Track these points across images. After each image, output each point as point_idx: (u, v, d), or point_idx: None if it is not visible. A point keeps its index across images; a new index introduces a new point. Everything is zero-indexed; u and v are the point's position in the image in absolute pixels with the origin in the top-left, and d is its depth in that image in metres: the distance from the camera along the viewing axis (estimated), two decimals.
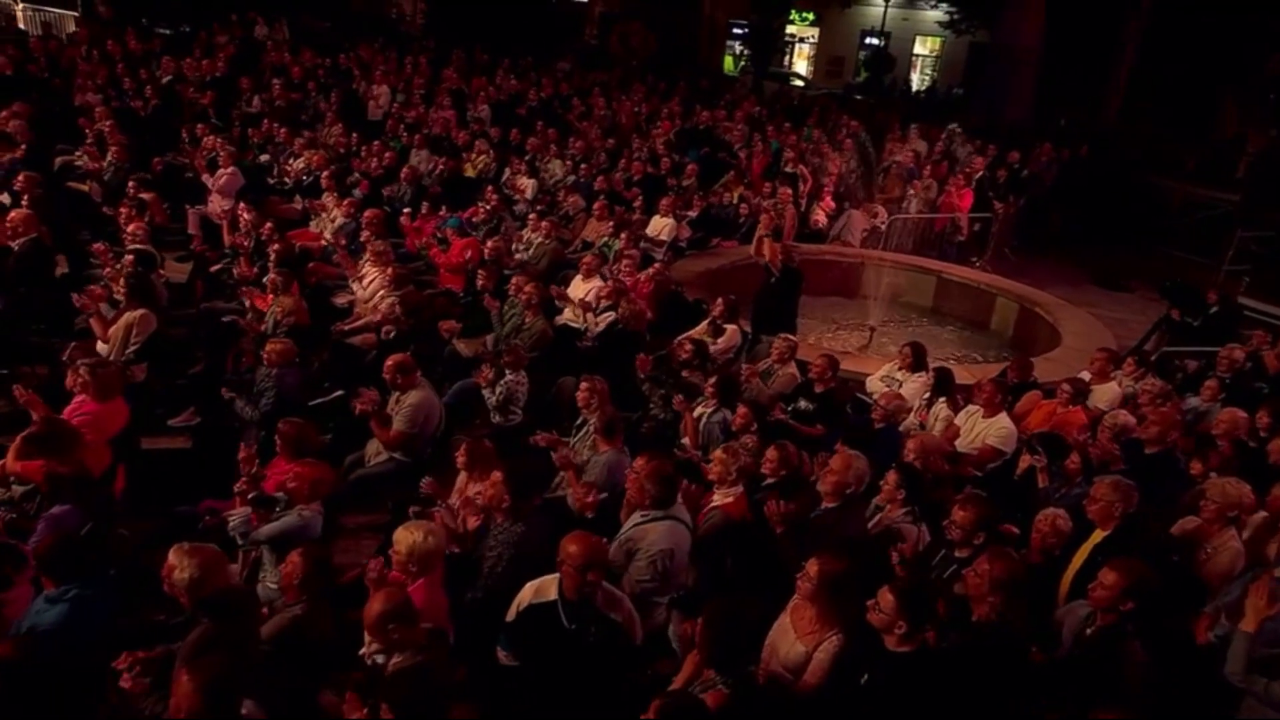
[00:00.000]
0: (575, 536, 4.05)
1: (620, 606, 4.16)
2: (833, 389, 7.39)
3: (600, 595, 4.07)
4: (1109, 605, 4.13)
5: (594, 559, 3.99)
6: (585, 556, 3.96)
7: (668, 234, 11.08)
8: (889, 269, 12.21)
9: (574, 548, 3.98)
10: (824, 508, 5.09)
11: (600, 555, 4.04)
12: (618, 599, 4.18)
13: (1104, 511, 5.15)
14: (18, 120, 10.04)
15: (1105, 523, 5.16)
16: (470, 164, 12.76)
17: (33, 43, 14.70)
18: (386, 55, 17.48)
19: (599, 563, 4.01)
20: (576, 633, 4.02)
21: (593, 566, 3.98)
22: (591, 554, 3.99)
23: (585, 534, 4.09)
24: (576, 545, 3.99)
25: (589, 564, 3.96)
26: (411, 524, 4.27)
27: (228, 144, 10.77)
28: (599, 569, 4.02)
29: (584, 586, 3.98)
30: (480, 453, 5.47)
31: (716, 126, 15.59)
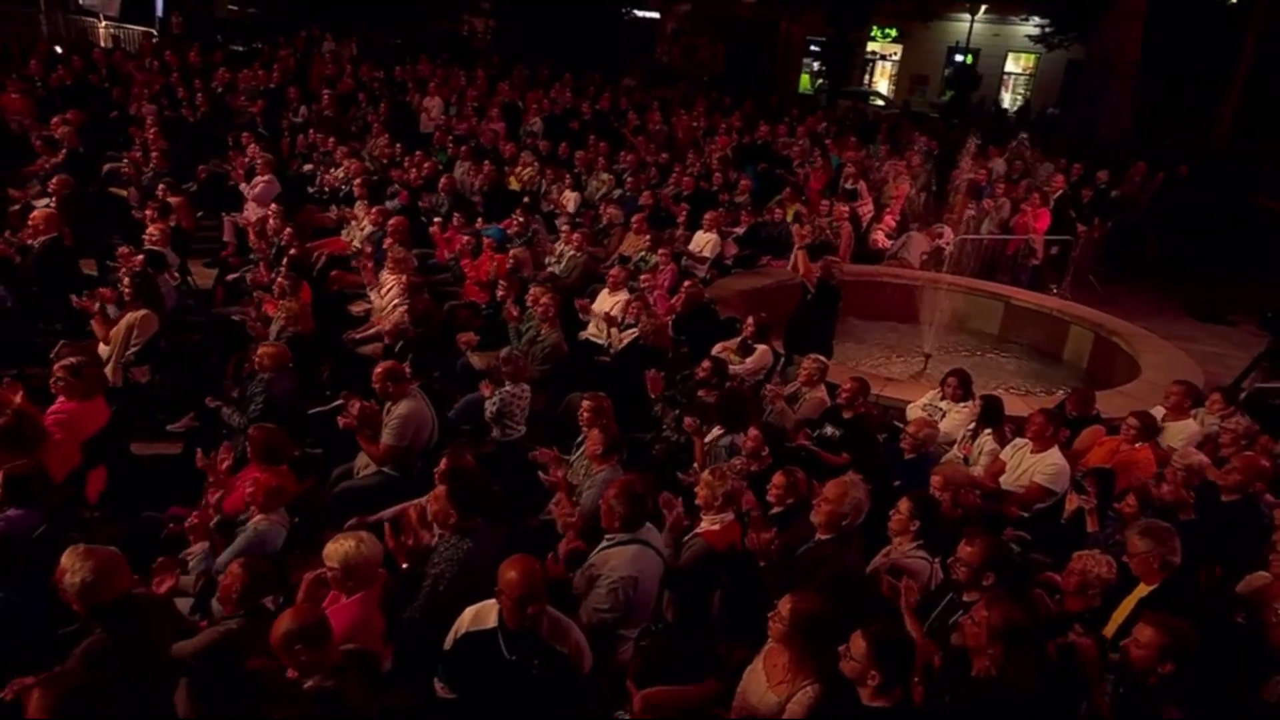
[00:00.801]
0: (514, 561, 3.58)
1: (567, 636, 3.67)
2: (862, 415, 6.76)
3: (545, 623, 3.60)
4: (1146, 666, 3.58)
5: (533, 589, 3.51)
6: (523, 586, 3.50)
7: (710, 250, 10.59)
8: (951, 293, 11.45)
9: (512, 574, 3.52)
10: (816, 540, 4.51)
11: (541, 584, 3.56)
12: (565, 628, 3.69)
13: (1144, 564, 4.47)
14: (67, 127, 10.23)
15: (1148, 576, 4.47)
16: (515, 177, 12.52)
17: (95, 54, 15.21)
18: (448, 70, 17.48)
19: (538, 594, 3.53)
20: (517, 664, 3.56)
21: (532, 598, 3.50)
22: (530, 583, 3.51)
23: (526, 559, 3.62)
24: (515, 572, 3.53)
25: (528, 595, 3.49)
26: (343, 534, 3.87)
27: (267, 152, 10.75)
28: (539, 600, 3.54)
29: (525, 619, 3.52)
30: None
31: (775, 142, 15.02)
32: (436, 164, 11.86)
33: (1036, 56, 32.34)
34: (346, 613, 3.73)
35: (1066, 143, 18.89)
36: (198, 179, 10.98)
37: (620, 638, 4.22)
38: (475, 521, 4.18)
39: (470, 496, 4.17)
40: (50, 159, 9.63)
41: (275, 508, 4.57)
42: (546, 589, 3.60)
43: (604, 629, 4.12)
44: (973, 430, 7.09)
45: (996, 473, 6.68)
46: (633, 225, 10.27)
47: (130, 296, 6.53)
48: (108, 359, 6.53)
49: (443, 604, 3.98)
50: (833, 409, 6.90)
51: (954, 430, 7.28)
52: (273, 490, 4.52)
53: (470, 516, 4.15)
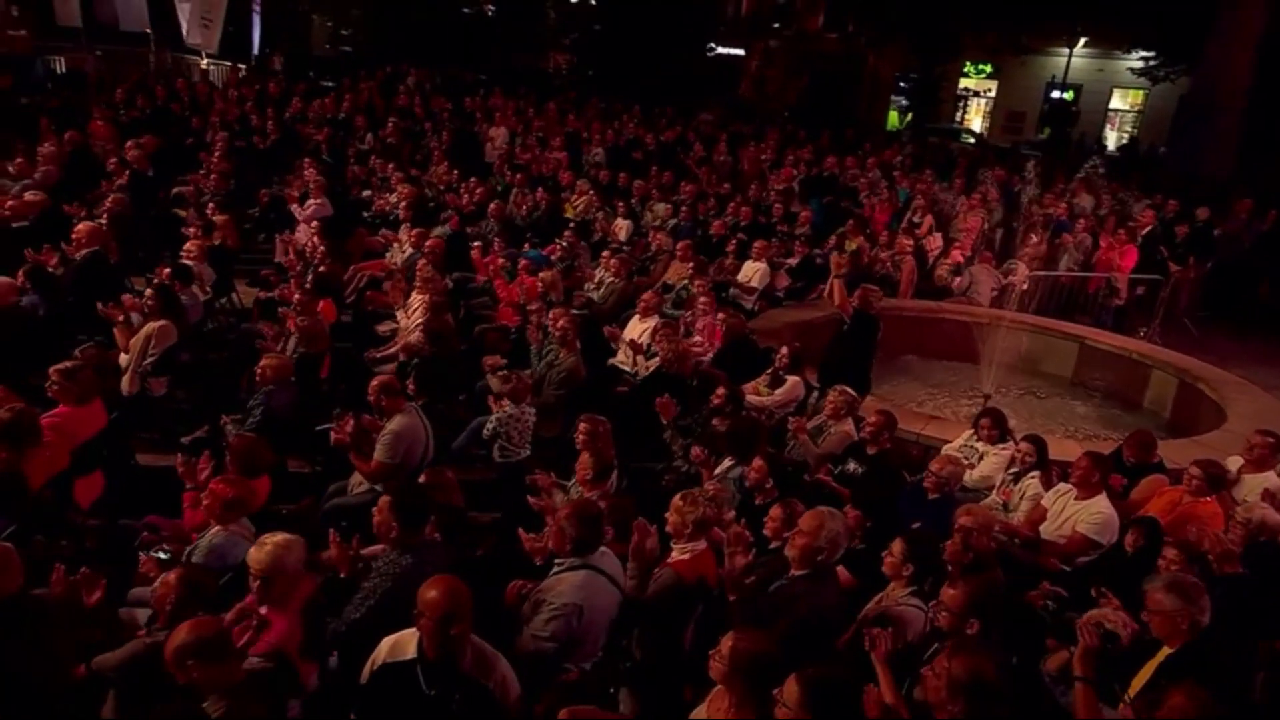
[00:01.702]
0: (437, 580, 3.32)
1: (493, 670, 3.37)
2: (887, 451, 6.29)
3: (469, 654, 3.32)
4: None
5: (456, 609, 3.24)
6: (446, 606, 3.23)
7: (759, 280, 10.23)
8: (1020, 331, 10.76)
9: (433, 593, 3.26)
10: (790, 575, 4.09)
11: (466, 606, 3.29)
12: (489, 659, 3.40)
13: (1168, 625, 3.91)
14: (138, 151, 10.67)
15: (1172, 637, 3.90)
16: (570, 205, 12.47)
17: (179, 84, 15.98)
18: (519, 101, 17.72)
19: (461, 615, 3.25)
20: (437, 699, 3.27)
21: (455, 619, 3.23)
22: (454, 603, 3.24)
23: (450, 579, 3.35)
24: (436, 590, 3.27)
25: (450, 615, 3.22)
26: (266, 538, 3.67)
27: (327, 177, 10.97)
28: (461, 622, 3.26)
29: (446, 643, 3.24)
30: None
31: (843, 174, 14.59)
32: (488, 190, 11.90)
33: (1145, 92, 30.90)
34: (281, 626, 3.53)
35: (1169, 179, 17.80)
36: (260, 203, 11.30)
37: (565, 672, 3.90)
38: (420, 538, 3.94)
39: (415, 511, 3.93)
40: (117, 180, 10.04)
41: (234, 519, 4.41)
42: (474, 614, 3.34)
43: (546, 660, 3.80)
44: (1014, 474, 6.54)
45: (1037, 521, 6.12)
46: (678, 253, 10.02)
47: (150, 307, 6.61)
48: (126, 367, 6.62)
49: (371, 621, 3.73)
50: (857, 444, 6.45)
51: (993, 474, 6.72)
52: (229, 501, 4.37)
53: (414, 532, 3.91)
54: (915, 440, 7.61)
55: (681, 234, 11.47)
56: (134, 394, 6.60)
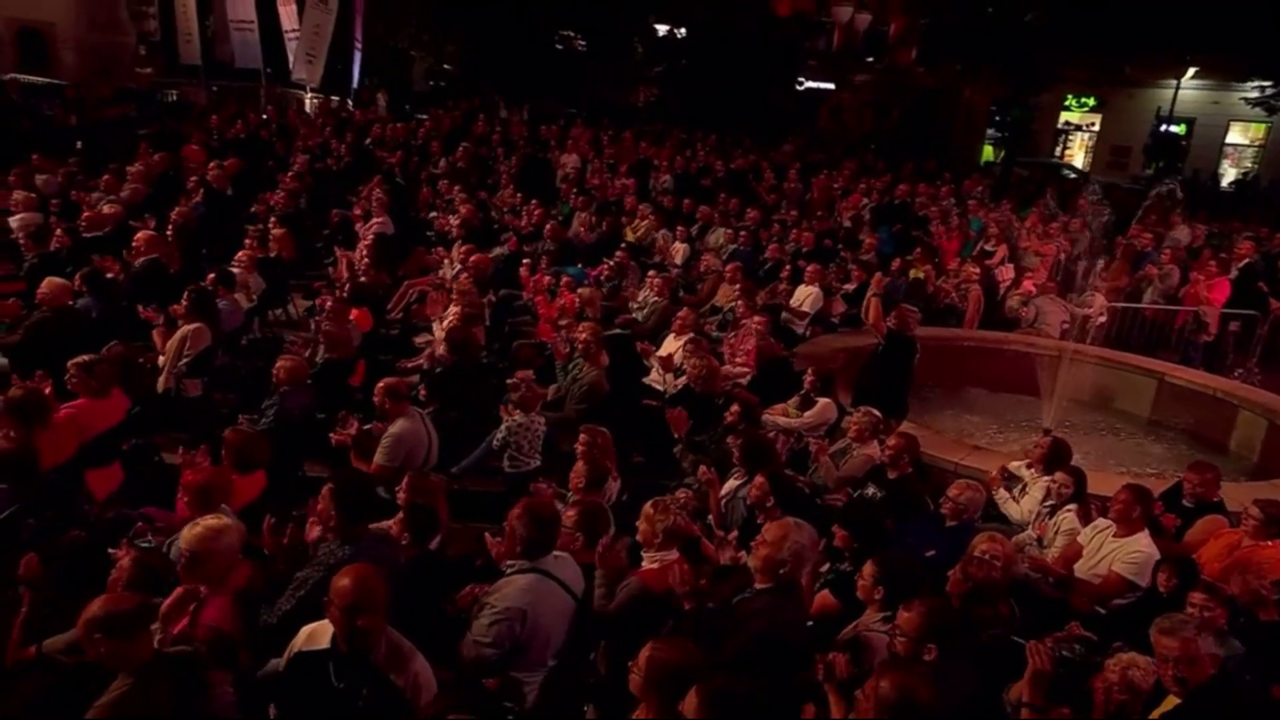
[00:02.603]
0: (351, 570, 3.24)
1: (406, 666, 3.25)
2: (908, 475, 5.96)
3: (384, 649, 3.21)
4: None
5: (366, 599, 3.14)
6: (354, 595, 3.13)
7: (811, 305, 9.98)
8: (1092, 366, 10.15)
9: (344, 582, 3.17)
10: (753, 589, 3.86)
11: (379, 597, 3.19)
12: (405, 657, 3.28)
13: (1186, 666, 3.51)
14: (219, 171, 11.23)
15: (1176, 685, 3.52)
16: (631, 229, 12.49)
17: (268, 111, 16.81)
18: (597, 130, 17.96)
19: (370, 606, 3.15)
20: (345, 694, 3.17)
21: (363, 609, 3.12)
22: (364, 592, 3.14)
23: (365, 569, 3.26)
24: (348, 580, 3.17)
25: (357, 605, 3.12)
26: (203, 519, 3.68)
27: (398, 199, 11.31)
28: (370, 614, 3.15)
29: (353, 634, 3.14)
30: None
31: (914, 202, 14.19)
32: (548, 213, 12.03)
33: (1268, 126, 29.15)
34: (212, 612, 3.52)
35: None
36: (330, 222, 11.72)
37: (513, 681, 3.76)
38: (361, 529, 3.88)
39: (356, 501, 3.88)
40: (194, 197, 10.59)
41: (209, 509, 4.42)
42: (387, 607, 3.25)
43: (487, 666, 3.67)
44: (1050, 506, 6.10)
45: (1071, 558, 5.68)
46: (726, 274, 9.88)
47: (185, 310, 6.87)
48: (162, 368, 6.88)
49: (301, 613, 3.65)
50: (879, 468, 6.14)
51: (1033, 505, 6.30)
52: (200, 489, 4.41)
53: (355, 522, 3.85)
54: (954, 470, 7.22)
55: (739, 259, 11.32)
56: (169, 394, 6.83)
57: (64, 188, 10.81)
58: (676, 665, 2.95)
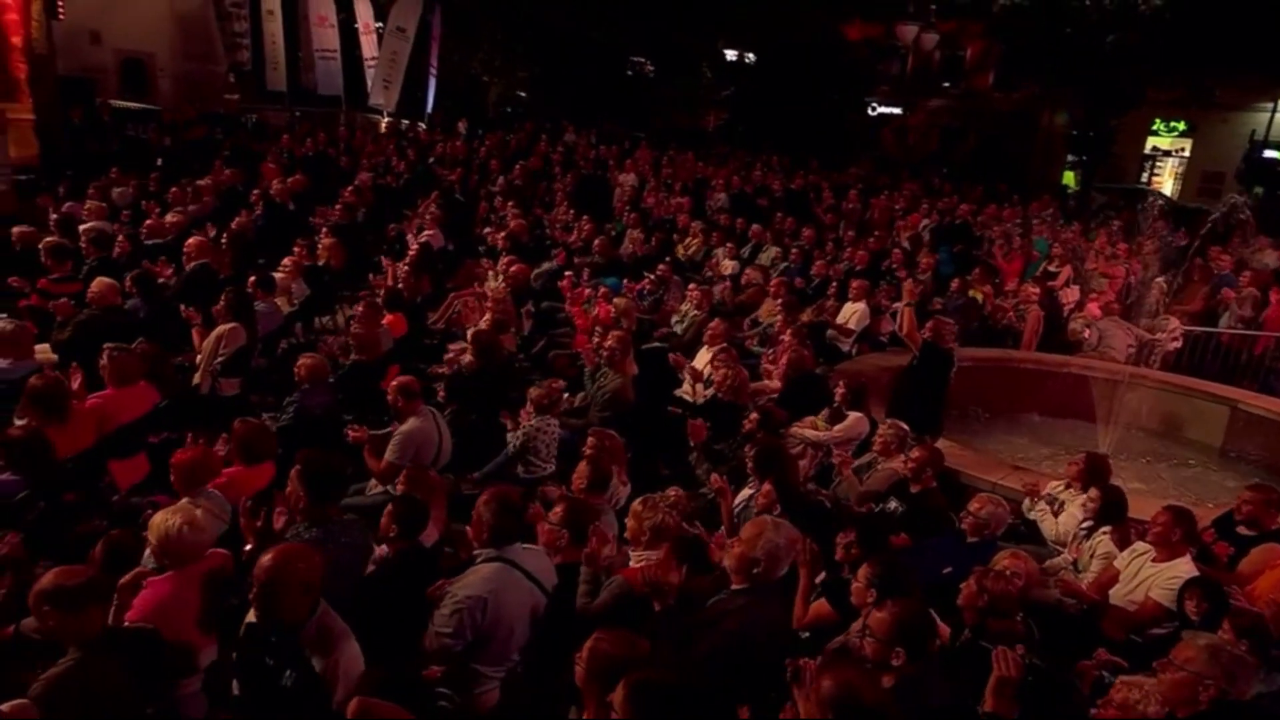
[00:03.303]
0: (277, 548, 3.21)
1: (329, 651, 3.15)
2: (931, 490, 5.70)
3: (313, 630, 3.15)
4: None
5: (284, 577, 3.08)
6: (271, 572, 3.09)
7: (857, 322, 9.72)
8: (1158, 391, 9.63)
9: (266, 559, 3.13)
10: (729, 590, 3.70)
11: (300, 577, 3.12)
12: (334, 639, 3.19)
13: (1185, 689, 3.26)
14: (281, 185, 11.62)
15: (1185, 706, 3.26)
16: (683, 247, 12.43)
17: (340, 131, 17.37)
18: (654, 151, 18.01)
19: (293, 585, 3.09)
20: (273, 671, 3.13)
21: (280, 588, 3.07)
22: (282, 571, 3.08)
23: (296, 549, 3.23)
24: (269, 556, 3.14)
25: (273, 582, 3.06)
26: (173, 508, 3.69)
27: (455, 215, 11.51)
28: (293, 593, 3.09)
29: (268, 610, 3.11)
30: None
31: (975, 222, 13.77)
32: (600, 229, 12.07)
33: None
34: (152, 590, 3.51)
35: None
36: (387, 236, 11.99)
37: (478, 676, 3.66)
38: (330, 511, 3.86)
39: (323, 482, 3.86)
40: (256, 210, 10.99)
41: (194, 487, 4.46)
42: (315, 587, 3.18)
43: (450, 658, 3.59)
44: (1085, 528, 5.76)
45: (1106, 583, 5.34)
46: (770, 289, 9.72)
47: (222, 310, 7.06)
48: (199, 366, 7.07)
49: None
50: (901, 482, 5.89)
51: (1071, 527, 5.96)
52: (186, 467, 4.42)
53: (322, 504, 3.84)
54: (991, 489, 6.90)
55: (790, 276, 11.17)
56: (204, 392, 7.00)
57: (135, 200, 11.32)
58: (616, 657, 2.83)
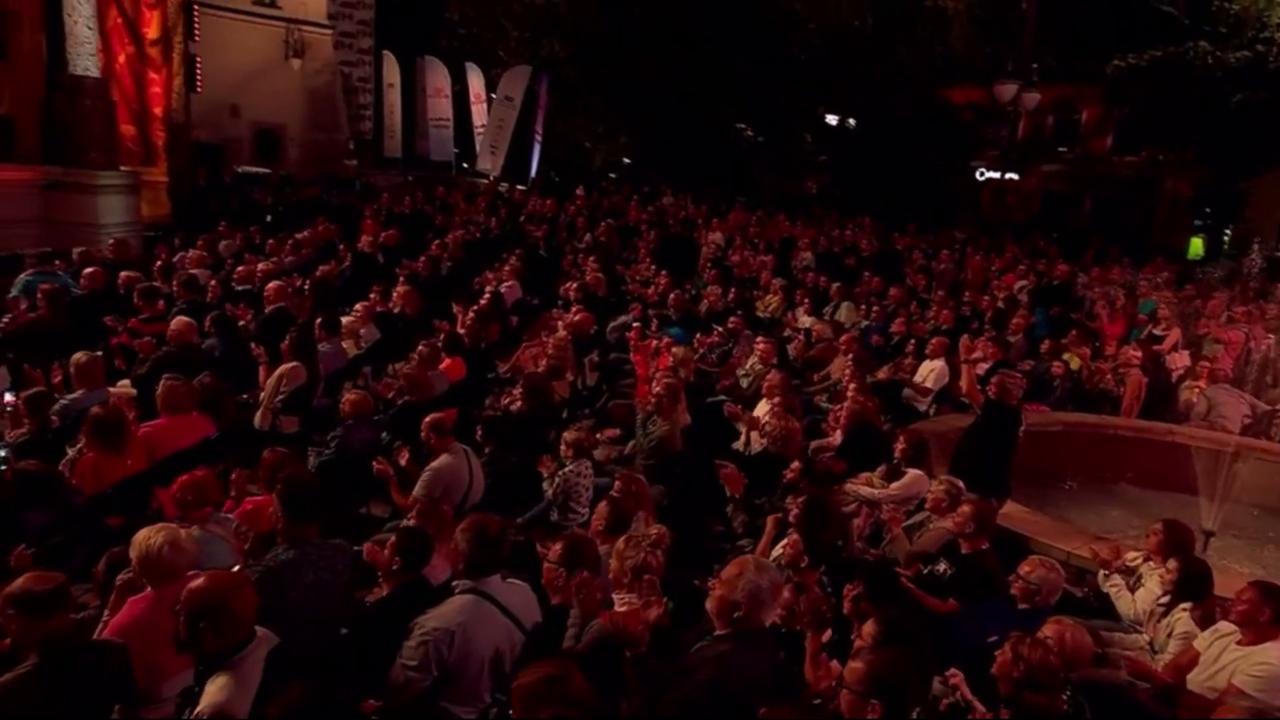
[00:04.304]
0: (211, 574, 3.18)
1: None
2: (983, 552, 5.25)
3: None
4: None
5: (207, 605, 3.02)
6: (197, 599, 3.05)
7: (934, 380, 9.27)
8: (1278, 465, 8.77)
9: (196, 582, 3.13)
10: (712, 635, 3.43)
11: (219, 607, 3.05)
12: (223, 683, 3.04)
13: None
14: (371, 239, 12.12)
15: None
16: (763, 303, 12.24)
17: (438, 191, 18.06)
18: (745, 213, 17.98)
19: (211, 614, 3.02)
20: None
21: (204, 614, 3.01)
22: (205, 599, 3.02)
23: (227, 576, 3.21)
24: (200, 581, 3.14)
25: (199, 610, 3.01)
26: (157, 527, 3.69)
27: (521, 264, 11.72)
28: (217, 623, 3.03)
29: (190, 635, 3.05)
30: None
31: (1075, 283, 13.06)
32: (678, 283, 12.03)
33: None
34: (129, 608, 3.51)
35: None
36: (472, 289, 12.27)
37: (447, 716, 3.48)
38: (309, 533, 3.79)
39: (301, 503, 3.80)
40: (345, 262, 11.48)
41: (200, 516, 4.46)
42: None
43: (415, 693, 3.42)
44: (1163, 604, 5.17)
45: (1184, 666, 4.76)
46: (840, 345, 9.40)
47: (286, 350, 7.28)
48: (261, 403, 7.28)
49: None
50: (953, 543, 5.46)
51: (1149, 603, 5.38)
52: (190, 487, 4.46)
53: (300, 525, 3.77)
54: (1065, 560, 6.35)
55: (866, 334, 10.83)
56: (264, 428, 7.19)
57: (240, 251, 11.98)
58: (538, 694, 2.62)
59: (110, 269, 9.62)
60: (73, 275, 9.65)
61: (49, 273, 9.66)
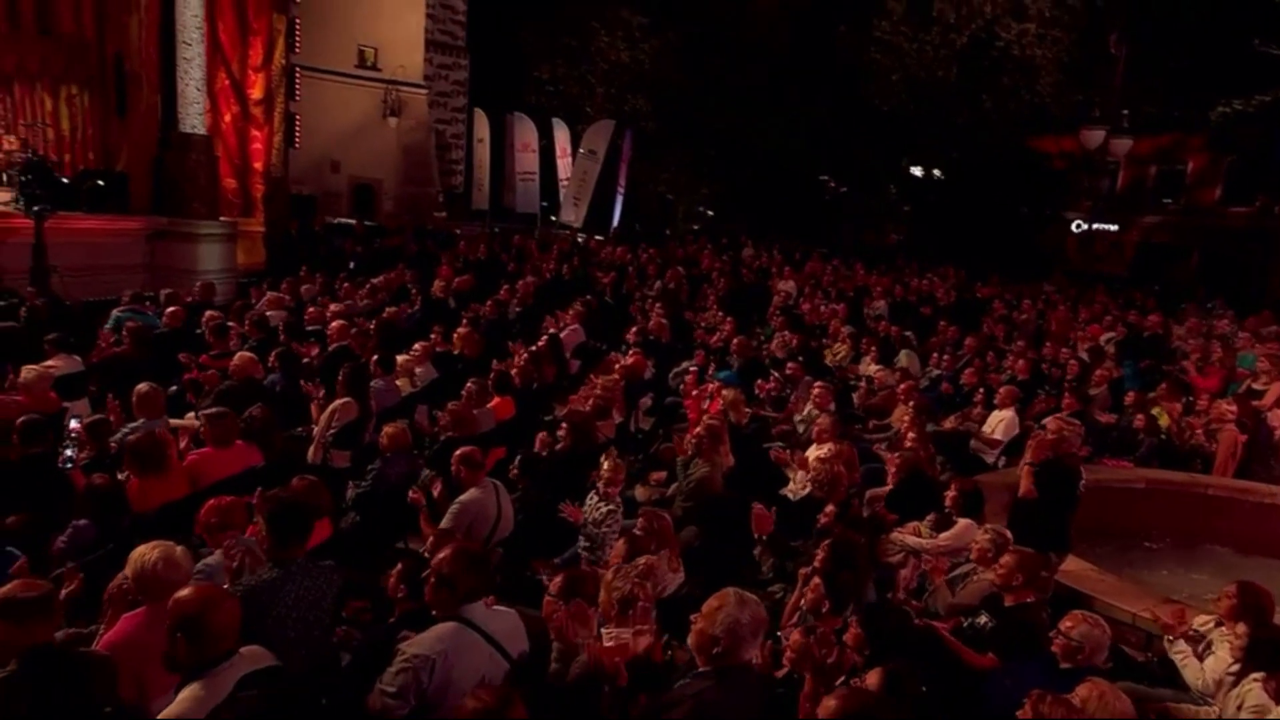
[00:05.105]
0: (201, 587, 3.19)
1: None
2: (1029, 605, 4.89)
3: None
4: None
5: (187, 619, 3.04)
6: (181, 612, 3.07)
7: (1004, 431, 8.83)
8: None
9: (184, 593, 3.13)
10: (693, 673, 3.24)
11: (198, 621, 3.04)
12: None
13: None
14: (443, 284, 12.43)
15: None
16: (830, 351, 11.97)
17: (515, 240, 18.43)
18: (824, 262, 17.74)
19: (194, 630, 3.02)
20: None
21: (186, 627, 3.02)
22: (187, 611, 3.05)
23: (213, 592, 3.21)
24: (189, 592, 3.14)
25: (180, 622, 3.04)
26: (156, 545, 3.73)
27: (584, 309, 11.78)
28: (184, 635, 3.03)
29: (172, 648, 3.07)
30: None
31: (1168, 336, 12.33)
32: (743, 330, 11.89)
33: None
34: (122, 623, 3.54)
35: None
36: (537, 333, 12.40)
37: None
38: (294, 553, 3.76)
39: (286, 524, 3.77)
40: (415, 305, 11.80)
41: (222, 532, 4.49)
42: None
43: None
44: (1233, 673, 4.70)
45: None
46: (899, 394, 9.08)
47: (339, 386, 7.44)
48: (314, 438, 7.43)
49: None
50: (995, 595, 5.11)
51: (1219, 671, 4.90)
52: (212, 512, 4.52)
53: (285, 546, 3.75)
54: (1131, 623, 5.89)
55: (936, 383, 10.46)
56: (316, 463, 7.32)
57: (319, 295, 12.43)
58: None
59: (192, 309, 10.08)
60: (159, 314, 10.16)
61: (138, 311, 10.19)
